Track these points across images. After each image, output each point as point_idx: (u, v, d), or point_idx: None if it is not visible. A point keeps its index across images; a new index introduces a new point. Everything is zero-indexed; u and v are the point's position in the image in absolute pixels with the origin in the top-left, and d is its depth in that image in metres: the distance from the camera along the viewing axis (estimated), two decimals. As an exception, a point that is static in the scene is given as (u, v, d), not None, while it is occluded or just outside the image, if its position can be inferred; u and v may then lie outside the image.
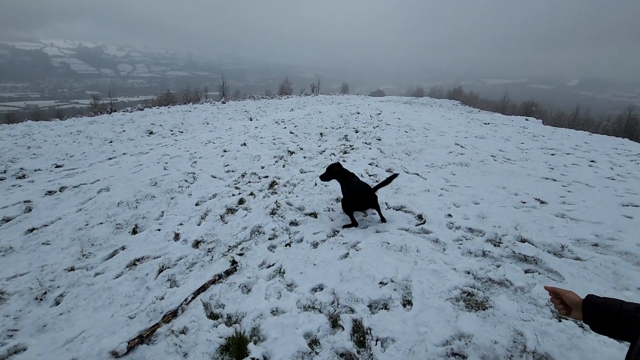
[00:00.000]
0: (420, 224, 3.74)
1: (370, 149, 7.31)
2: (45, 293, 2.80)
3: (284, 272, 3.00)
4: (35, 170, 6.92)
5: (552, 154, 6.96)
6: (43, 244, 3.63)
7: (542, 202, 4.18)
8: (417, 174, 5.64)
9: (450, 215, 3.90)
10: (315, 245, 3.44)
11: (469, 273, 2.69)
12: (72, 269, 3.13)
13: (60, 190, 5.14)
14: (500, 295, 2.37)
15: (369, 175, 5.59)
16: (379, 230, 3.58)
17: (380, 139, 8.13)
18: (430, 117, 12.30)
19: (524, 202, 4.16)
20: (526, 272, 2.64)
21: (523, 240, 3.10)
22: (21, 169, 6.82)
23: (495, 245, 3.08)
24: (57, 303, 2.72)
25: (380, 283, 2.62)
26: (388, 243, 3.20)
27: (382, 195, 4.74)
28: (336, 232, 3.69)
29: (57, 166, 7.28)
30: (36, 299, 2.74)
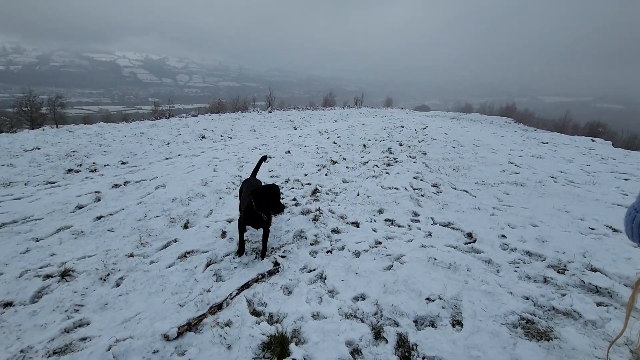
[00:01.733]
0: (470, 243, 3.52)
1: (415, 162, 7.11)
2: (108, 275, 3.05)
3: (325, 278, 2.98)
4: (104, 165, 7.70)
5: (626, 179, 6.23)
6: (108, 230, 3.99)
7: (615, 231, 3.73)
8: (466, 191, 5.36)
9: (504, 235, 3.64)
10: (357, 254, 3.38)
11: (527, 299, 2.46)
12: (132, 255, 3.39)
13: (124, 184, 5.65)
14: (567, 327, 2.13)
15: (414, 189, 5.41)
16: (424, 245, 3.43)
17: (425, 154, 7.88)
18: (480, 134, 11.71)
19: (592, 229, 3.74)
20: (598, 304, 2.36)
21: (594, 270, 2.78)
22: (94, 163, 7.63)
23: (559, 272, 2.80)
24: (118, 285, 2.95)
25: (427, 299, 2.50)
26: (435, 259, 3.05)
27: (428, 210, 4.57)
28: (379, 243, 3.61)
29: (123, 163, 8.03)
30: (100, 279, 3.00)
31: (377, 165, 6.87)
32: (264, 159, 4.34)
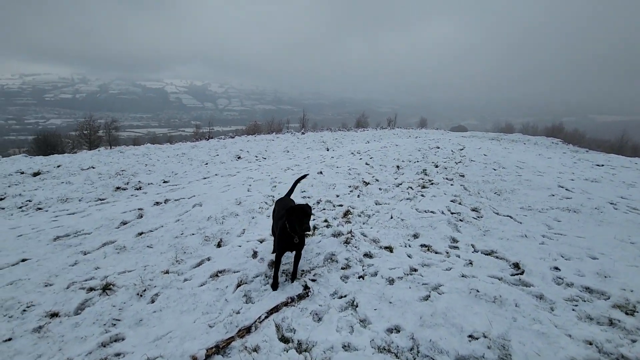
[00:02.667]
0: (517, 274, 3.21)
1: (452, 185, 6.80)
2: (144, 290, 3.15)
3: (356, 306, 2.84)
4: (148, 184, 8.21)
5: (702, 207, 5.45)
6: (147, 246, 4.17)
7: (694, 267, 3.22)
8: (510, 217, 4.99)
9: (557, 268, 3.28)
10: (391, 281, 3.21)
11: (590, 344, 2.15)
12: (167, 272, 3.49)
13: (164, 202, 5.94)
14: (643, 382, 1.81)
15: (452, 213, 5.13)
16: (465, 275, 3.18)
17: (463, 176, 7.52)
18: (524, 155, 11.03)
19: (665, 264, 3.27)
20: (681, 356, 2.00)
21: (671, 313, 2.39)
22: (139, 181, 8.17)
23: (627, 314, 2.44)
24: (153, 301, 3.02)
25: (470, 337, 2.27)
26: (477, 291, 2.80)
27: (468, 236, 4.30)
28: (414, 271, 3.41)
29: (165, 181, 8.52)
30: (137, 294, 3.10)
31: (411, 187, 6.66)
32: (303, 177, 4.39)
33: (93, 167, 9.72)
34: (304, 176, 4.63)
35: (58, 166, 9.83)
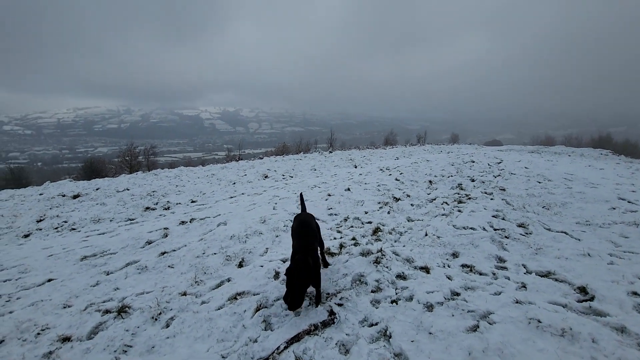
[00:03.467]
0: (585, 300, 2.67)
1: (492, 199, 6.21)
2: (160, 314, 2.96)
3: (390, 336, 2.45)
4: (177, 204, 8.32)
5: None
6: (169, 266, 4.04)
7: None
8: (565, 233, 4.37)
9: (636, 293, 2.70)
10: (429, 307, 2.78)
11: None
12: (185, 294, 3.29)
13: (190, 221, 5.89)
14: None
15: (495, 230, 4.60)
16: (519, 301, 2.69)
17: (504, 189, 6.89)
18: (571, 167, 10.06)
19: None
20: None
21: None
22: (168, 202, 8.31)
23: None
24: (167, 326, 2.82)
25: (537, 382, 1.81)
26: (539, 321, 2.31)
27: (517, 255, 3.76)
28: (456, 295, 2.96)
29: (193, 201, 8.61)
30: (152, 317, 2.91)
31: (446, 203, 6.16)
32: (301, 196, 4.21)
33: (127, 189, 10.09)
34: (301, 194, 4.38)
35: (97, 189, 10.31)
